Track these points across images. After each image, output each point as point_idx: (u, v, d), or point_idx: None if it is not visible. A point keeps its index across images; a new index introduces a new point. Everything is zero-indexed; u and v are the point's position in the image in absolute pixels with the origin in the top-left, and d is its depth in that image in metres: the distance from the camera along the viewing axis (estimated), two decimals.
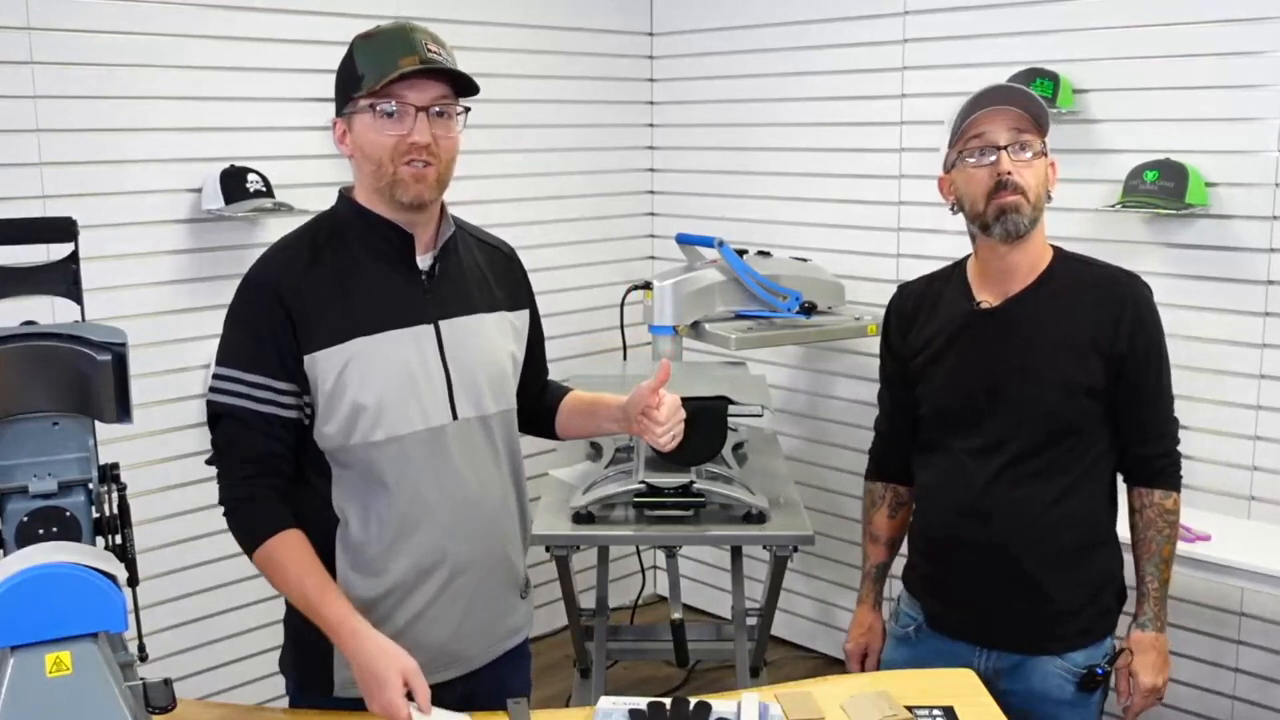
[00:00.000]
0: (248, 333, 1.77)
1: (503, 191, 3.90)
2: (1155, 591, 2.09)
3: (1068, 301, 2.00)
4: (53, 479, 1.54)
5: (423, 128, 1.73)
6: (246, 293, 1.80)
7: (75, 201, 2.94)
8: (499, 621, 1.95)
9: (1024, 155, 1.93)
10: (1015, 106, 1.94)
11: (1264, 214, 2.97)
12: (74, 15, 2.94)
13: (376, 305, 1.79)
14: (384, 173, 1.75)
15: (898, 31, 3.61)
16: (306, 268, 1.78)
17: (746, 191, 4.06)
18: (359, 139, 1.77)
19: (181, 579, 3.27)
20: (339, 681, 1.83)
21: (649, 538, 3.00)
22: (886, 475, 2.26)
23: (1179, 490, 2.10)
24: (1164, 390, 2.08)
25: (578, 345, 4.10)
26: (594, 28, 4.14)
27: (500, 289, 1.95)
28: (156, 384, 3.16)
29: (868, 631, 2.28)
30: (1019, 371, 1.99)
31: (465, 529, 1.85)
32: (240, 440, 1.78)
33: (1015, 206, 1.92)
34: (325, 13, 3.33)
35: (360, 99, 1.73)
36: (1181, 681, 3.27)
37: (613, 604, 3.58)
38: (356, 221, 1.82)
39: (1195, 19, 3.03)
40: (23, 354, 1.54)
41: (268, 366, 1.75)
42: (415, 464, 1.80)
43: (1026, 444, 2.00)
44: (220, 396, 1.78)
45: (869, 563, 2.30)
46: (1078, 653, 2.05)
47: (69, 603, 1.36)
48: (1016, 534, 2.01)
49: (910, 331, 2.12)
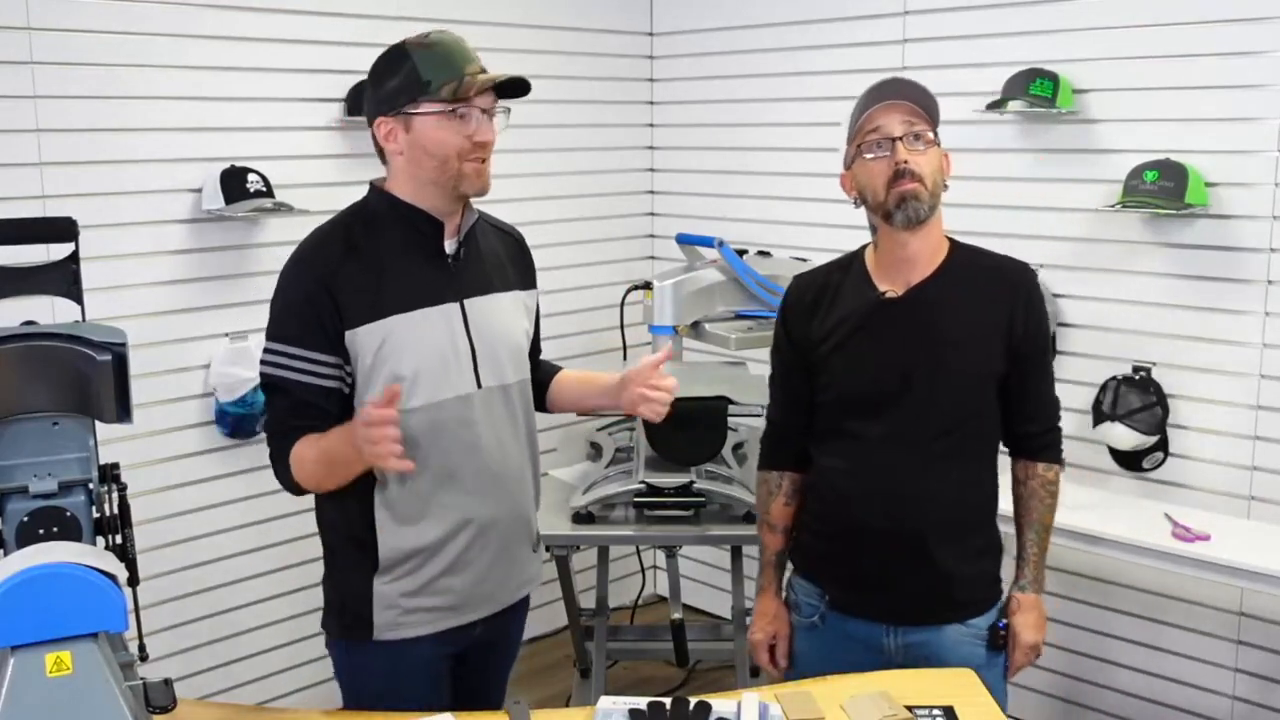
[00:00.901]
0: (292, 312, 1.94)
1: (502, 191, 3.86)
2: (1034, 557, 2.21)
3: (968, 290, 2.09)
4: (53, 479, 1.54)
5: (486, 128, 1.94)
6: (291, 277, 1.96)
7: (75, 201, 2.94)
8: (518, 572, 2.13)
9: (918, 145, 2.02)
10: (907, 100, 2.03)
11: (1264, 214, 2.97)
12: (74, 15, 2.94)
13: (409, 286, 1.96)
14: (450, 168, 1.92)
15: (898, 31, 3.61)
16: (343, 256, 1.94)
17: (746, 191, 4.06)
18: (422, 138, 1.92)
19: (181, 579, 3.27)
20: (378, 624, 1.99)
21: (649, 538, 3.00)
22: (782, 464, 2.28)
23: (1061, 464, 2.22)
24: (1049, 370, 2.19)
25: (578, 345, 4.10)
26: (594, 28, 4.14)
27: (513, 270, 2.14)
28: (156, 384, 3.16)
29: (774, 619, 2.29)
30: (929, 359, 2.07)
31: (489, 488, 2.03)
32: (283, 405, 1.95)
33: (914, 194, 2.01)
34: (325, 13, 3.33)
35: (431, 102, 1.89)
36: (1181, 681, 3.27)
37: (613, 604, 3.58)
38: (389, 213, 1.98)
39: (1195, 19, 3.03)
40: (23, 354, 1.54)
41: (310, 341, 1.91)
42: (445, 428, 1.97)
43: (936, 429, 2.07)
44: (268, 368, 1.95)
45: (769, 551, 2.32)
46: (978, 618, 2.15)
47: (69, 603, 1.36)
48: (925, 514, 2.08)
49: (812, 321, 2.16)
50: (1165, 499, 3.15)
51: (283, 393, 1.94)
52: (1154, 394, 3.14)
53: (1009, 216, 3.42)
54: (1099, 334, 3.29)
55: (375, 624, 2.00)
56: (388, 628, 2.00)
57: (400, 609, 2.00)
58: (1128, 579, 3.32)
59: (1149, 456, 3.20)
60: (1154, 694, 3.33)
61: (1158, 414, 3.14)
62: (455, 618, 2.04)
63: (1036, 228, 3.37)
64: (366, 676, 2.05)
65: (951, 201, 3.63)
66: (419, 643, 2.02)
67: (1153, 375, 3.16)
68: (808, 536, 2.24)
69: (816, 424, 2.18)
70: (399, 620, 2.00)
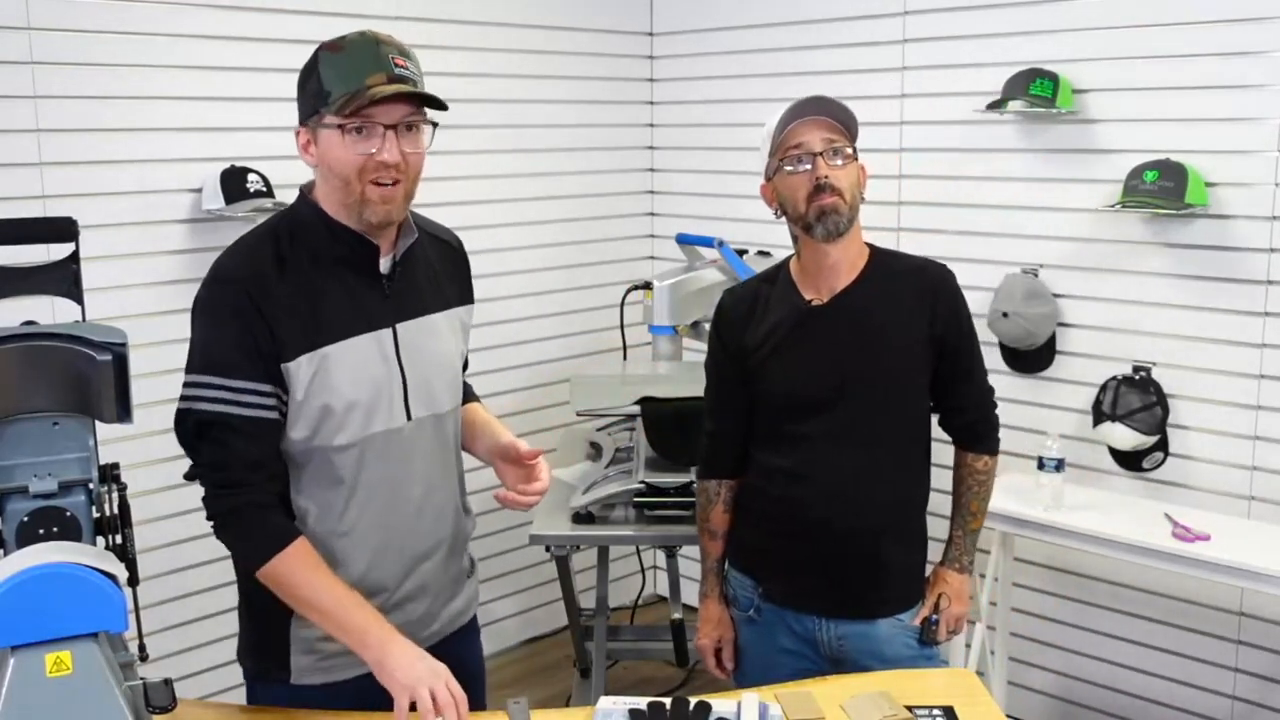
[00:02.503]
0: (225, 337, 1.74)
1: (503, 191, 3.90)
2: (958, 539, 2.28)
3: (889, 293, 2.16)
4: (53, 479, 1.54)
5: (391, 146, 1.72)
6: (217, 298, 1.77)
7: (75, 201, 2.94)
8: (453, 602, 2.04)
9: (837, 161, 2.09)
10: (828, 116, 2.11)
11: (1264, 214, 2.97)
12: (74, 15, 2.94)
13: (342, 311, 1.80)
14: (352, 190, 1.75)
15: (898, 31, 3.61)
16: (275, 272, 1.77)
17: (746, 191, 4.05)
18: (325, 154, 1.76)
19: (181, 579, 3.27)
20: (296, 669, 1.87)
21: (649, 538, 3.00)
22: (720, 472, 2.33)
23: (993, 453, 2.28)
24: (976, 361, 2.24)
25: (578, 345, 4.10)
26: (594, 28, 4.14)
27: (450, 286, 1.99)
28: (156, 384, 3.14)
29: (719, 624, 2.35)
30: (858, 362, 2.14)
31: (419, 521, 1.92)
32: (233, 447, 1.74)
33: (834, 207, 2.07)
34: (325, 13, 3.33)
35: (331, 115, 1.71)
36: (1182, 681, 3.27)
37: (613, 604, 3.58)
38: (320, 227, 1.81)
39: (1195, 19, 3.03)
40: (23, 354, 1.54)
41: (251, 371, 1.73)
42: (372, 464, 1.84)
43: (870, 428, 2.15)
44: (203, 405, 1.74)
45: (710, 559, 2.37)
46: (907, 612, 2.21)
47: (69, 603, 1.36)
48: (861, 510, 2.15)
49: (745, 330, 2.23)
50: (1165, 499, 3.15)
51: (232, 431, 1.73)
52: (1154, 394, 3.14)
53: (1009, 216, 3.42)
54: (1099, 334, 3.29)
55: (293, 668, 1.87)
56: (306, 672, 1.86)
57: (319, 654, 1.86)
58: (1128, 579, 3.32)
59: (1149, 456, 3.21)
60: (1154, 694, 3.33)
61: (1158, 414, 3.14)
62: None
63: (1036, 228, 3.37)
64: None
65: (952, 202, 3.65)
66: (342, 687, 1.87)
67: (1153, 375, 3.16)
68: (745, 532, 2.31)
69: (756, 428, 2.25)
70: (318, 665, 1.86)
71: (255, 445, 1.76)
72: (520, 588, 4.19)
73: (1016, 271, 3.36)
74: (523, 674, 3.98)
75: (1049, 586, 3.50)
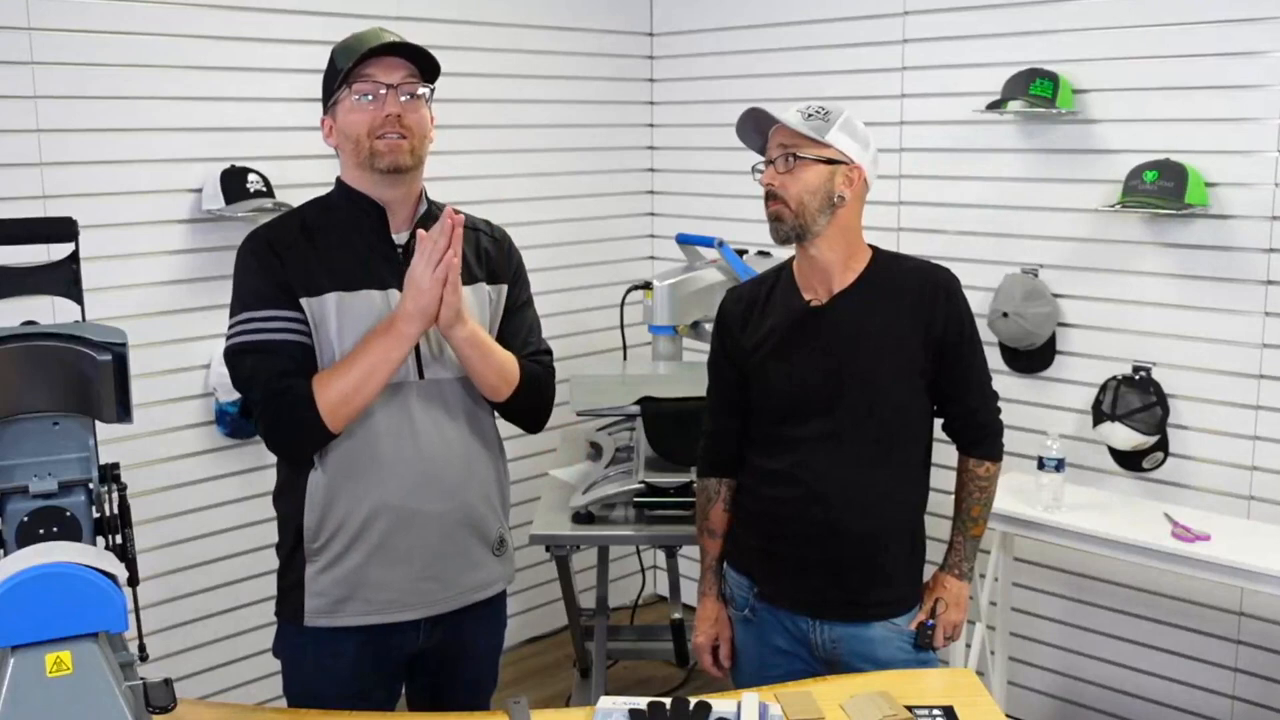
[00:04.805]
0: (249, 280, 1.98)
1: (503, 191, 3.90)
2: (959, 544, 2.28)
3: (888, 295, 2.16)
4: (53, 479, 1.54)
5: (393, 101, 1.95)
6: (244, 253, 2.01)
7: (75, 201, 2.94)
8: (465, 574, 2.10)
9: (784, 167, 2.10)
10: (783, 125, 2.10)
11: (1264, 214, 2.97)
12: (74, 15, 2.94)
13: (353, 267, 1.99)
14: (362, 148, 1.96)
15: (898, 32, 3.62)
16: (298, 234, 2.01)
17: (746, 191, 4.04)
18: (342, 125, 1.99)
19: (181, 579, 3.27)
20: (309, 609, 2.02)
21: (649, 538, 3.00)
22: (720, 471, 2.34)
23: (996, 460, 2.26)
24: (979, 368, 2.24)
25: (578, 345, 4.10)
26: (594, 28, 4.14)
27: (480, 267, 2.11)
28: (156, 384, 3.16)
29: (716, 623, 2.36)
30: (856, 363, 2.14)
31: (421, 479, 2.00)
32: (265, 365, 1.93)
33: (776, 214, 2.09)
34: (325, 13, 3.33)
35: (339, 87, 1.96)
36: (1182, 681, 3.27)
37: (613, 604, 3.58)
38: (341, 199, 2.05)
39: (1195, 19, 3.03)
40: (23, 354, 1.54)
41: (274, 301, 1.94)
42: (375, 413, 1.97)
43: (867, 431, 2.15)
44: (239, 338, 1.96)
45: (709, 557, 2.38)
46: (903, 616, 2.20)
47: (69, 603, 1.36)
48: (858, 514, 2.15)
49: (745, 331, 2.24)
50: (1165, 499, 3.15)
51: (266, 354, 1.93)
52: (1154, 394, 3.14)
53: (1009, 216, 3.42)
54: (1099, 334, 3.29)
55: (306, 609, 2.02)
56: (318, 614, 2.02)
57: (330, 597, 2.01)
58: (1127, 579, 3.32)
59: (1149, 456, 3.21)
60: (1154, 694, 3.33)
61: (1158, 414, 3.14)
62: (390, 614, 2.03)
63: (1036, 228, 3.37)
64: (299, 659, 2.07)
65: (951, 202, 3.65)
66: (350, 634, 2.02)
67: (1153, 375, 3.16)
68: (742, 532, 2.31)
69: (753, 429, 2.26)
70: (329, 608, 2.01)
71: (290, 363, 1.93)
72: (520, 588, 4.19)
73: (1016, 271, 3.37)
74: (523, 674, 3.98)
75: (1049, 586, 3.50)
